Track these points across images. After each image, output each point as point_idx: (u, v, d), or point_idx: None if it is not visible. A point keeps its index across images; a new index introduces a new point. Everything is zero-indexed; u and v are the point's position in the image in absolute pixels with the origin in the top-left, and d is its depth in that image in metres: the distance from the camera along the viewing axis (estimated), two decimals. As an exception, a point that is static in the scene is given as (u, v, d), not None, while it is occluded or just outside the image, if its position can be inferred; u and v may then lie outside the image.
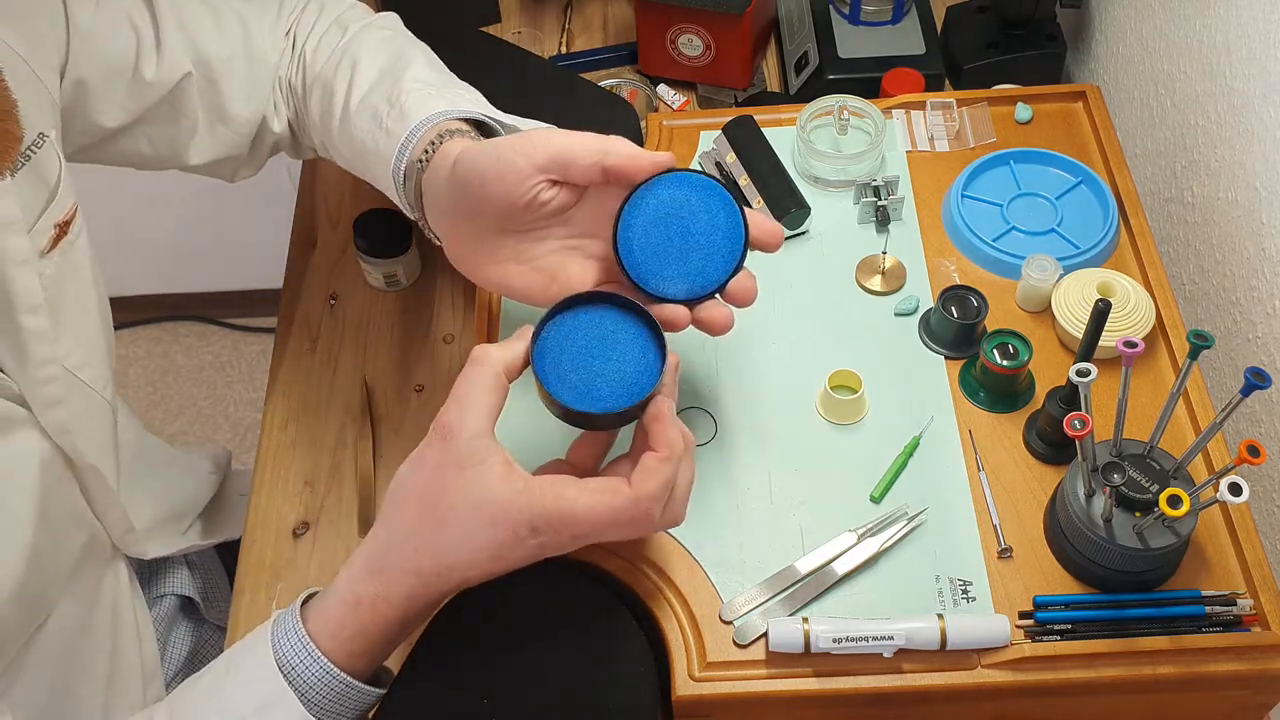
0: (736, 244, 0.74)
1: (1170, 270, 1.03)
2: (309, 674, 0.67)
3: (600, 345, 0.72)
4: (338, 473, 1.02)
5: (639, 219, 0.73)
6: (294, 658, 0.67)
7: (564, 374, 0.71)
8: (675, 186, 0.73)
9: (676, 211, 0.74)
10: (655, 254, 0.73)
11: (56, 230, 0.79)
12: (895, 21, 1.21)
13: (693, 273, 0.74)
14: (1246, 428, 0.95)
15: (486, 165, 0.72)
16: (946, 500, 0.81)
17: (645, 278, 0.73)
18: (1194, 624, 0.76)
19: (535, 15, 1.34)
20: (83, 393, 0.81)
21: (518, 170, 0.71)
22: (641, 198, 0.73)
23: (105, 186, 1.44)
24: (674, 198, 0.73)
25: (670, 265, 0.74)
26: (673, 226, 0.74)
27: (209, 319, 2.41)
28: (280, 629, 0.68)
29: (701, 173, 0.74)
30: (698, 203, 0.74)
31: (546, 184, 0.72)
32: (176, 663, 1.01)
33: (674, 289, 0.74)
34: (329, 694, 0.67)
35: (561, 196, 0.73)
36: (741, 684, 0.75)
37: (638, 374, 0.71)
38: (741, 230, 0.74)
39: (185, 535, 1.02)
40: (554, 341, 0.71)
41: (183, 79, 0.89)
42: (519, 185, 0.72)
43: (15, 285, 0.74)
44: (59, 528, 0.79)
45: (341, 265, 1.16)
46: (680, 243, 0.74)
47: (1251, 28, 0.91)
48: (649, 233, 0.73)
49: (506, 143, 0.73)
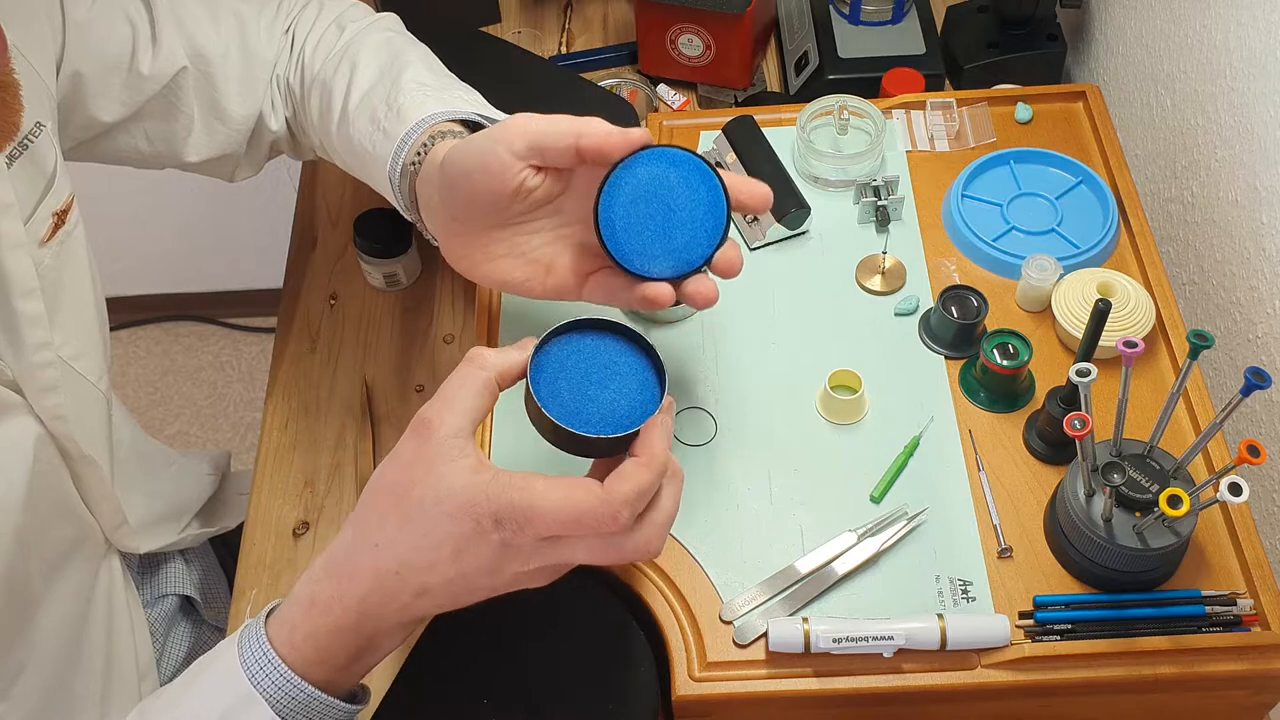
0: (719, 216, 0.73)
1: (1170, 270, 1.03)
2: (268, 679, 0.65)
3: (600, 373, 0.70)
4: (338, 473, 1.02)
5: (619, 199, 0.72)
6: (255, 662, 0.65)
7: (559, 393, 0.69)
8: (653, 163, 0.72)
9: (656, 188, 0.72)
10: (638, 233, 0.72)
11: (54, 220, 0.79)
12: (895, 21, 1.21)
13: (677, 249, 0.73)
14: (1246, 428, 0.95)
15: (470, 160, 0.73)
16: (946, 500, 0.81)
17: (629, 257, 0.72)
18: (1194, 624, 0.76)
19: (535, 15, 1.34)
20: (78, 383, 0.81)
21: (499, 160, 0.71)
22: (620, 177, 0.72)
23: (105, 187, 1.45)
24: (652, 174, 0.72)
25: (654, 243, 0.73)
26: (653, 204, 0.72)
27: (209, 319, 2.41)
28: (247, 633, 0.67)
29: (677, 147, 0.73)
30: (676, 177, 0.73)
31: (531, 170, 0.72)
32: (174, 663, 1.02)
33: (659, 267, 0.73)
34: (288, 700, 0.65)
35: (547, 183, 0.73)
36: (741, 684, 0.75)
37: (632, 408, 0.69)
38: (723, 202, 0.73)
39: (181, 533, 1.02)
40: (555, 360, 0.70)
41: (179, 73, 0.89)
42: (503, 175, 0.71)
43: (11, 269, 0.73)
44: (46, 517, 0.79)
45: (341, 265, 1.17)
46: (662, 220, 0.73)
47: (1251, 28, 0.91)
48: (630, 211, 0.72)
49: (486, 135, 0.73)
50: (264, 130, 0.95)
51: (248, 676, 0.64)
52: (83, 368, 0.82)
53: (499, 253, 0.77)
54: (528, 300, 0.91)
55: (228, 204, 2.09)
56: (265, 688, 0.64)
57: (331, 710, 0.66)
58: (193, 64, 0.90)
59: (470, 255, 0.77)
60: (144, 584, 1.02)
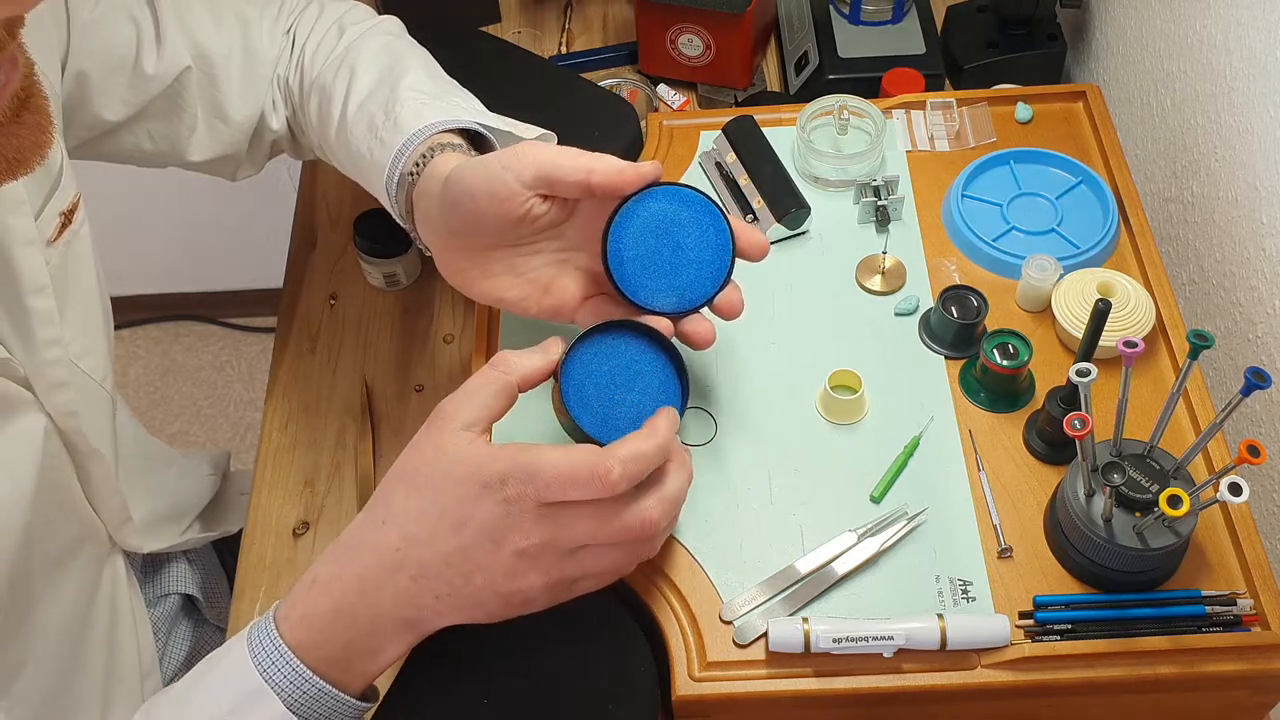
0: (724, 258, 0.76)
1: (1170, 270, 1.03)
2: (279, 671, 0.64)
3: (626, 376, 0.73)
4: (338, 473, 1.02)
5: (628, 231, 0.74)
6: (265, 654, 0.65)
7: (587, 400, 0.72)
8: (664, 200, 0.75)
9: (665, 225, 0.75)
10: (644, 267, 0.75)
11: (61, 219, 0.79)
12: (895, 21, 1.21)
13: (681, 286, 0.75)
14: (1246, 428, 0.95)
15: (477, 183, 0.73)
16: (946, 500, 0.81)
17: (635, 290, 0.75)
18: (1194, 624, 0.76)
19: (535, 15, 1.34)
20: (83, 381, 0.81)
21: (508, 187, 0.72)
22: (631, 210, 0.74)
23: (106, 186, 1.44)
24: (663, 211, 0.75)
25: (659, 278, 0.75)
26: (662, 240, 0.75)
27: (209, 319, 2.41)
28: (257, 627, 0.67)
29: (688, 187, 0.75)
30: (686, 217, 0.75)
31: (538, 199, 0.73)
32: (176, 662, 1.02)
33: (662, 302, 0.75)
34: (299, 694, 0.65)
35: (553, 210, 0.75)
36: (741, 684, 0.75)
37: (655, 409, 0.71)
38: (729, 245, 0.75)
39: (184, 534, 1.02)
40: (581, 365, 0.72)
41: (182, 73, 0.90)
42: (510, 201, 0.73)
43: (22, 265, 0.73)
44: (52, 514, 0.79)
45: (341, 265, 1.17)
46: (670, 256, 0.75)
47: (1251, 28, 0.91)
48: (638, 245, 0.74)
49: (495, 159, 0.73)
50: (265, 130, 0.95)
51: (258, 669, 0.64)
52: (88, 366, 0.82)
53: (496, 271, 0.77)
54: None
55: (228, 204, 2.09)
56: (276, 680, 0.64)
57: (341, 706, 0.66)
58: (196, 64, 0.90)
59: (467, 271, 0.78)
60: (147, 583, 1.02)
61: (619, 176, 0.72)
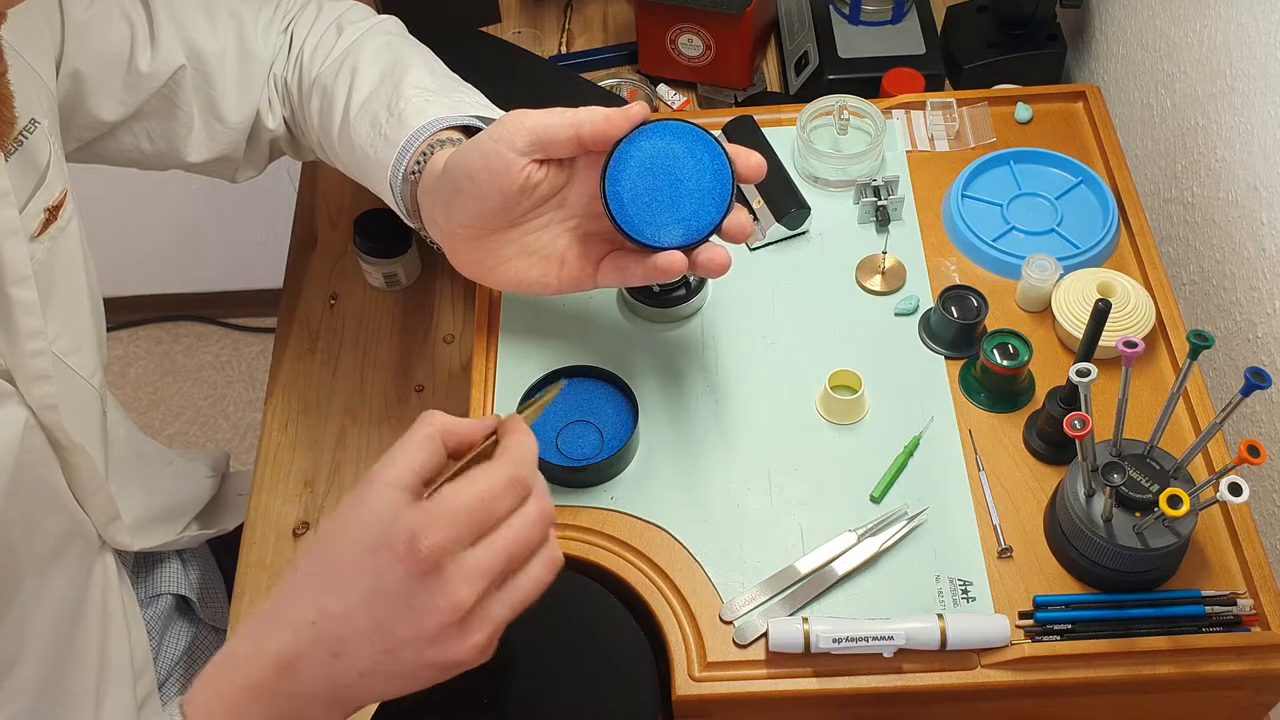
0: (724, 183, 0.74)
1: (1170, 270, 1.03)
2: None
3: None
4: (338, 473, 1.02)
5: (625, 173, 0.74)
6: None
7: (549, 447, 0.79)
8: (654, 136, 0.74)
9: (660, 160, 0.74)
10: (646, 205, 0.74)
11: (46, 215, 0.79)
12: (895, 21, 1.21)
13: (686, 217, 0.74)
14: (1246, 428, 0.95)
15: (473, 161, 0.74)
16: (946, 500, 0.81)
17: (640, 230, 0.74)
18: (1194, 624, 0.76)
19: (535, 15, 1.34)
20: (71, 378, 0.81)
21: (503, 159, 0.72)
22: (624, 152, 0.74)
23: (105, 187, 1.45)
24: (655, 147, 0.74)
25: (663, 213, 0.74)
26: (659, 175, 0.74)
27: (209, 319, 2.41)
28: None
29: (677, 118, 0.75)
30: (680, 149, 0.74)
31: (534, 166, 0.73)
32: (170, 661, 1.01)
33: (669, 236, 0.74)
34: None
35: (551, 175, 0.75)
36: (741, 684, 0.75)
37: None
38: (727, 169, 0.74)
39: (180, 533, 1.01)
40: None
41: (177, 71, 0.90)
42: (507, 173, 0.73)
43: (4, 255, 0.73)
44: (33, 508, 0.78)
45: (341, 265, 1.17)
46: (670, 190, 0.74)
47: (1251, 28, 0.91)
48: (637, 184, 0.74)
49: (484, 136, 0.74)
50: (262, 129, 0.95)
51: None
52: (75, 363, 0.82)
53: (510, 254, 0.77)
54: (528, 300, 0.91)
55: (228, 204, 2.09)
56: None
57: None
58: (190, 63, 0.90)
59: (482, 261, 0.78)
60: (139, 583, 1.02)
61: (607, 123, 0.72)
